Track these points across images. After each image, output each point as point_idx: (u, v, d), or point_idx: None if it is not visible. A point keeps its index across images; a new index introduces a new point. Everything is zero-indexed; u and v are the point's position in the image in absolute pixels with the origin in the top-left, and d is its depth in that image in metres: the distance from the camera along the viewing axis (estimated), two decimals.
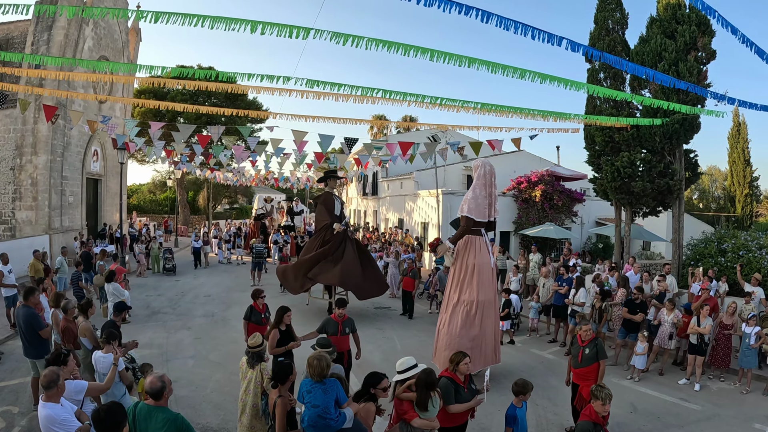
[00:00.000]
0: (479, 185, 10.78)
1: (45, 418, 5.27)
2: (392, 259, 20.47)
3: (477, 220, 10.64)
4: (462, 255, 10.79)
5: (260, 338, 6.99)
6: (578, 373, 8.32)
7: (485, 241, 10.94)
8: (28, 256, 16.66)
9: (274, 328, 8.52)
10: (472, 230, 10.75)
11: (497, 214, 11.19)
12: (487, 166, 10.92)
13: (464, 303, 10.46)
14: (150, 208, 55.68)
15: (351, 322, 9.15)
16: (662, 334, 11.75)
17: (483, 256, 10.71)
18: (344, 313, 9.14)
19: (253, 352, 6.88)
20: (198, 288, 20.87)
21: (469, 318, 10.40)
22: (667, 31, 16.54)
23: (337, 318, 9.02)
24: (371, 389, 6.07)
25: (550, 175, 26.63)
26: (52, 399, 5.35)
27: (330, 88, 10.24)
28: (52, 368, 5.62)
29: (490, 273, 10.86)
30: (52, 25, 23.77)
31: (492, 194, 10.89)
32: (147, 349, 12.36)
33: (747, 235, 17.68)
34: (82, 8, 9.63)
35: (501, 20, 6.92)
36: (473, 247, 10.70)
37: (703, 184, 60.93)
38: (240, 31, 7.52)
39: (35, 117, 23.15)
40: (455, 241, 10.87)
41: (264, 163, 26.85)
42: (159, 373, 5.38)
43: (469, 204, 10.61)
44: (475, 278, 10.53)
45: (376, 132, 58.04)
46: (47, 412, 5.28)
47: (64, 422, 5.29)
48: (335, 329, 8.85)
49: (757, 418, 9.57)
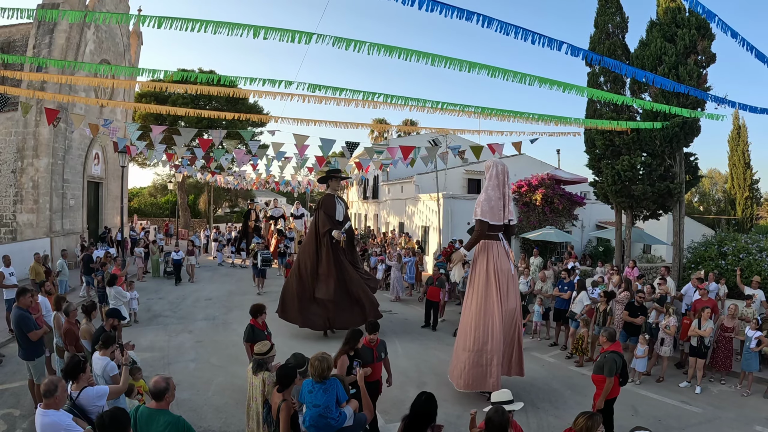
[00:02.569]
0: (492, 186, 10.24)
1: (47, 426, 5.13)
2: (395, 263, 20.45)
3: (492, 224, 10.11)
4: (479, 262, 10.23)
5: (268, 345, 7.00)
6: (592, 378, 8.23)
7: (503, 246, 10.38)
8: (29, 259, 16.69)
9: (342, 354, 7.49)
10: (488, 235, 10.19)
11: (512, 216, 10.50)
12: (499, 166, 10.38)
13: (485, 314, 9.85)
14: (151, 211, 55.77)
15: (384, 346, 8.17)
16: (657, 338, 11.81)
17: (502, 262, 10.13)
18: (376, 337, 7.99)
19: (259, 359, 6.86)
20: (199, 291, 20.88)
21: (493, 329, 9.76)
22: (667, 34, 16.57)
23: (370, 343, 7.88)
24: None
25: (551, 178, 26.64)
26: (52, 407, 5.22)
27: (331, 92, 10.27)
28: (53, 378, 5.54)
29: (511, 280, 10.25)
30: (54, 28, 23.81)
31: (506, 195, 10.34)
32: (148, 352, 12.39)
33: (747, 237, 17.70)
34: (84, 13, 9.67)
35: (502, 25, 6.95)
36: (491, 253, 10.13)
37: (703, 187, 60.94)
38: (242, 36, 7.56)
39: (37, 120, 23.19)
40: (470, 248, 10.43)
41: (265, 167, 26.90)
42: (165, 375, 5.41)
43: (482, 207, 10.11)
44: (494, 286, 9.91)
45: (377, 136, 58.14)
46: (49, 419, 5.15)
47: (69, 427, 5.20)
48: (370, 356, 7.72)
49: (758, 421, 9.58)
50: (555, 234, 22.63)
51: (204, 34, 12.31)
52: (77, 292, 18.81)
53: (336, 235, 14.37)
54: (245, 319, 9.69)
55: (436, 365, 12.07)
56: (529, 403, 9.91)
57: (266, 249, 23.67)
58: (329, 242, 14.58)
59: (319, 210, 15.09)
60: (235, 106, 39.70)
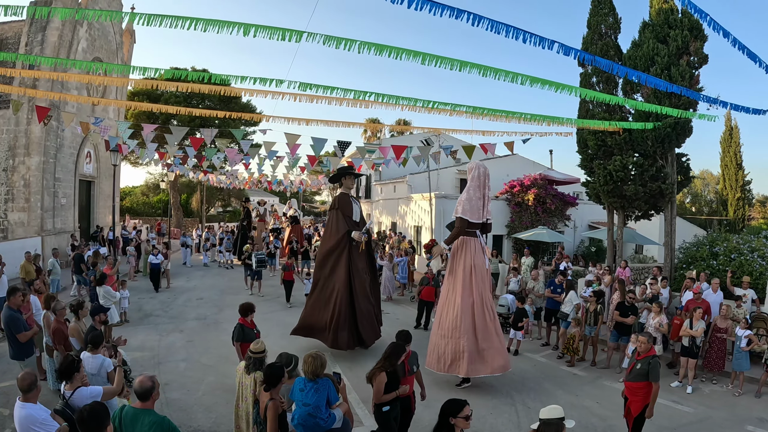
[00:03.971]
0: (473, 186, 10.96)
1: (24, 418, 5.21)
2: (386, 263, 20.43)
3: (471, 222, 10.85)
4: (458, 256, 10.98)
5: (263, 344, 6.94)
6: (628, 386, 7.91)
7: (480, 242, 11.12)
8: (20, 258, 16.57)
9: (382, 370, 6.76)
10: (467, 231, 10.93)
11: (489, 215, 11.24)
12: (481, 168, 11.10)
13: (462, 303, 10.57)
14: (143, 210, 55.63)
15: (416, 358, 7.68)
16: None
17: (478, 257, 10.91)
18: (408, 348, 7.46)
19: (255, 358, 6.77)
20: (190, 291, 20.80)
21: (468, 320, 10.48)
22: (660, 35, 16.61)
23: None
24: (450, 419, 5.13)
25: (543, 178, 26.71)
26: (31, 400, 5.33)
27: (323, 91, 10.24)
28: (28, 371, 5.61)
29: (486, 273, 11.11)
30: (46, 26, 23.70)
31: (486, 195, 11.05)
32: (139, 352, 12.33)
33: (739, 238, 17.75)
34: (75, 10, 9.61)
35: (492, 24, 6.93)
36: (469, 248, 10.91)
37: (695, 187, 61.26)
38: (233, 33, 7.52)
39: (28, 118, 23.03)
40: (450, 242, 11.12)
41: (257, 166, 26.84)
42: (149, 374, 5.37)
43: (463, 205, 10.86)
44: (472, 279, 10.70)
45: (370, 135, 58.13)
46: (26, 412, 5.24)
47: (45, 422, 5.26)
48: (402, 369, 7.11)
49: (749, 420, 9.60)
50: (547, 234, 22.66)
51: (195, 32, 12.23)
52: (69, 291, 18.70)
53: (357, 237, 13.14)
54: (236, 319, 9.66)
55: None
56: (520, 403, 9.95)
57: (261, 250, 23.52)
58: (348, 245, 13.24)
59: (335, 210, 13.68)
60: (228, 105, 39.53)
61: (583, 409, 9.79)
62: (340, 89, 10.08)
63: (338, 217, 13.46)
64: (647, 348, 7.81)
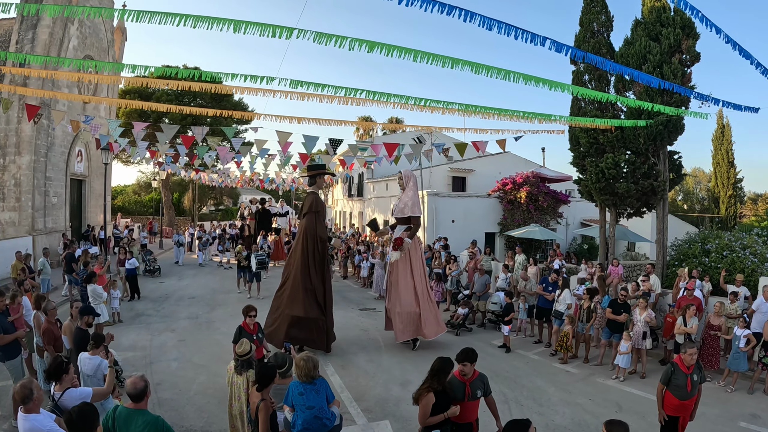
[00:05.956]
0: (414, 190, 13.73)
1: (29, 430, 5.03)
2: (378, 260, 20.39)
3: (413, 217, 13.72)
4: (414, 248, 13.54)
5: (248, 345, 6.90)
6: (686, 405, 7.40)
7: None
8: (10, 257, 16.48)
9: (429, 390, 6.02)
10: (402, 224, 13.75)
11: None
12: (414, 174, 14.26)
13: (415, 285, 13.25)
14: (135, 209, 55.43)
15: (483, 382, 6.47)
16: (636, 333, 11.76)
17: (421, 248, 14.24)
18: (472, 368, 6.35)
19: (242, 359, 6.79)
20: (182, 290, 20.71)
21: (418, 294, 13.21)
22: (652, 33, 16.65)
23: (462, 376, 6.28)
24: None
25: (536, 176, 26.77)
26: (32, 411, 5.08)
27: (314, 88, 10.18)
28: (24, 382, 5.37)
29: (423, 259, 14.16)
30: (37, 23, 23.52)
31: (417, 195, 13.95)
32: (130, 352, 12.26)
33: (731, 235, 17.82)
34: (64, 7, 9.53)
35: (484, 20, 6.89)
36: (416, 241, 13.82)
37: (687, 185, 61.54)
38: (224, 30, 7.45)
39: (19, 116, 22.87)
40: (411, 237, 13.49)
41: (249, 165, 26.74)
42: (139, 374, 5.32)
43: (418, 206, 13.76)
44: (418, 264, 13.51)
45: (362, 134, 58.09)
46: (30, 424, 5.03)
47: (51, 430, 5.06)
48: (462, 392, 6.18)
49: (742, 417, 9.62)
50: (539, 232, 22.70)
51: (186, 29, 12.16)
52: (60, 291, 18.59)
53: (337, 244, 12.82)
54: (228, 318, 9.64)
55: (420, 363, 11.99)
56: (513, 400, 9.95)
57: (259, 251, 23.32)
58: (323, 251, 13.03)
59: (314, 213, 13.10)
60: (220, 103, 39.40)
61: (576, 406, 9.78)
62: (332, 87, 10.02)
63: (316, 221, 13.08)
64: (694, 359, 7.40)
